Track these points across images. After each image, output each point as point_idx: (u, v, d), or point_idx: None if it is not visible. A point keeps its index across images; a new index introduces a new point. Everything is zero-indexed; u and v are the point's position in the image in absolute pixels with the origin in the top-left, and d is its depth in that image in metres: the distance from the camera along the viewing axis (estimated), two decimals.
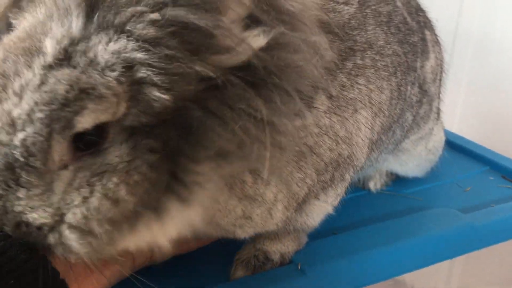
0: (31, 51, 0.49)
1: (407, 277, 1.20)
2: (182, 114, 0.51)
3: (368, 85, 0.79)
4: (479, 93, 1.58)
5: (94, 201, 0.50)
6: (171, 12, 0.48)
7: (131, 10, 0.48)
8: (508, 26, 1.51)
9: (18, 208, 0.50)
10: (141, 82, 0.49)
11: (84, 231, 0.51)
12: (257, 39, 0.52)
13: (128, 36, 0.49)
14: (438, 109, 1.08)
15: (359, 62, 0.78)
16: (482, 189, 1.09)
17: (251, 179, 0.63)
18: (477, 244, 0.92)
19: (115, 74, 0.48)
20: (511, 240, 0.97)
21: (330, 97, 0.72)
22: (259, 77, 0.53)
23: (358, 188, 1.05)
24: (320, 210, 0.79)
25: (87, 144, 0.50)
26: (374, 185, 1.05)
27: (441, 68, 1.04)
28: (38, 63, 0.48)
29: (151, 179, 0.51)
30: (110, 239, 0.52)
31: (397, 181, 1.10)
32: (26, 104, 0.48)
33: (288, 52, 0.54)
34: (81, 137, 0.49)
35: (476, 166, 1.20)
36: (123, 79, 0.48)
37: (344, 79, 0.75)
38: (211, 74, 0.49)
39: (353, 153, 0.77)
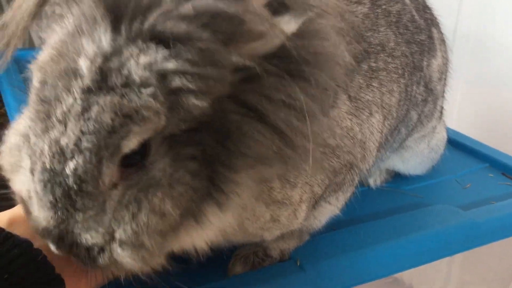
0: (67, 73, 0.48)
1: (406, 275, 1.19)
2: (220, 115, 0.50)
3: (381, 88, 0.78)
4: (478, 90, 1.58)
5: (143, 217, 0.51)
6: (198, 2, 0.46)
7: (157, 11, 0.46)
8: (506, 25, 1.50)
9: (76, 230, 0.51)
10: (177, 91, 0.47)
11: (135, 245, 0.51)
12: (288, 24, 0.49)
13: (157, 42, 0.47)
14: (442, 107, 1.08)
15: (373, 64, 0.77)
16: (482, 186, 1.08)
17: (279, 185, 0.62)
18: (477, 241, 0.91)
19: (151, 89, 0.47)
20: (510, 238, 0.97)
21: (349, 97, 0.71)
22: (294, 65, 0.50)
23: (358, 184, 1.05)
24: (328, 213, 0.79)
25: (133, 160, 0.50)
26: (374, 181, 1.04)
27: (447, 67, 1.04)
28: (76, 87, 0.47)
29: (193, 187, 0.52)
30: (159, 249, 0.53)
31: (397, 177, 1.09)
32: (72, 133, 0.47)
33: (319, 39, 0.52)
34: (127, 156, 0.49)
35: (476, 163, 1.19)
36: (159, 92, 0.47)
37: (361, 80, 0.74)
38: (248, 63, 0.48)
39: (365, 156, 0.76)
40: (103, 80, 0.47)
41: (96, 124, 0.47)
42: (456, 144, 1.26)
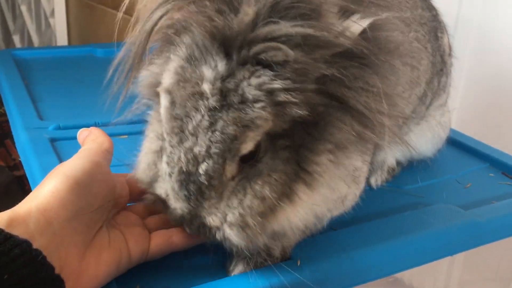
0: (194, 95, 0.60)
1: (406, 275, 1.19)
2: (309, 111, 0.60)
3: (412, 61, 0.86)
4: (479, 90, 1.57)
5: (247, 201, 0.63)
6: (289, 30, 0.57)
7: (263, 45, 0.58)
8: (508, 21, 1.49)
9: (203, 214, 0.65)
10: (282, 104, 0.59)
11: (240, 226, 0.63)
12: (356, 26, 0.60)
13: (263, 66, 0.59)
14: (450, 86, 1.12)
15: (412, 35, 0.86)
16: (482, 186, 1.08)
17: (360, 164, 0.71)
18: (478, 241, 0.91)
19: (261, 104, 0.58)
20: (511, 237, 0.97)
21: None
22: (367, 56, 0.61)
23: None
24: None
25: (249, 157, 0.62)
26: (375, 180, 1.04)
27: (451, 47, 1.10)
28: (203, 106, 0.59)
29: (286, 172, 0.63)
30: (261, 228, 0.64)
31: (397, 177, 1.09)
32: (203, 142, 0.60)
33: (387, 31, 0.63)
34: (244, 155, 0.62)
35: (476, 162, 1.19)
36: (268, 105, 0.59)
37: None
38: (334, 73, 0.59)
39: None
40: (224, 99, 0.59)
41: (222, 135, 0.59)
42: (457, 143, 1.26)
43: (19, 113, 1.25)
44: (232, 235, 0.64)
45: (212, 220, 0.65)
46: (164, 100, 0.63)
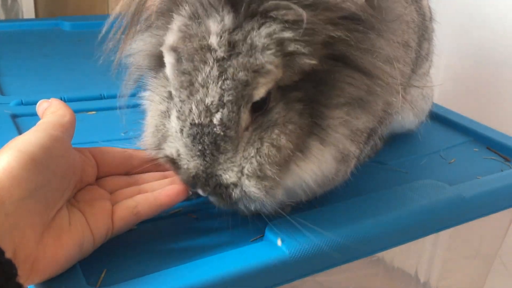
0: (201, 48, 0.61)
1: (388, 254, 1.17)
2: (319, 67, 0.62)
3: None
4: (461, 63, 1.55)
5: (264, 149, 0.63)
6: None
7: (274, 2, 0.59)
8: None
9: (218, 172, 0.64)
10: (291, 54, 0.60)
11: (259, 176, 0.64)
12: None
13: (273, 20, 0.59)
14: (432, 54, 1.08)
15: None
16: (466, 161, 1.05)
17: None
18: (464, 217, 0.88)
19: (271, 51, 0.59)
20: (494, 214, 0.94)
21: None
22: (373, 21, 0.63)
23: None
24: None
25: (259, 107, 0.63)
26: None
27: (432, 11, 1.05)
28: (211, 58, 0.60)
29: (300, 125, 0.64)
30: (278, 180, 0.64)
31: (380, 153, 1.05)
32: (215, 92, 0.60)
33: (391, 2, 0.66)
34: (255, 103, 0.62)
35: (460, 137, 1.16)
36: (278, 53, 0.59)
37: None
38: (342, 35, 0.61)
39: None
40: (232, 49, 0.60)
41: (234, 81, 0.60)
42: (440, 118, 1.23)
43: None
44: (250, 187, 0.64)
45: (229, 176, 0.64)
46: (169, 58, 0.64)
